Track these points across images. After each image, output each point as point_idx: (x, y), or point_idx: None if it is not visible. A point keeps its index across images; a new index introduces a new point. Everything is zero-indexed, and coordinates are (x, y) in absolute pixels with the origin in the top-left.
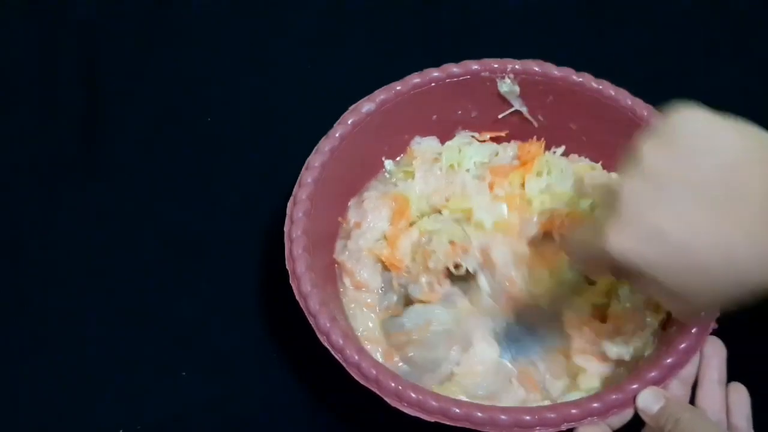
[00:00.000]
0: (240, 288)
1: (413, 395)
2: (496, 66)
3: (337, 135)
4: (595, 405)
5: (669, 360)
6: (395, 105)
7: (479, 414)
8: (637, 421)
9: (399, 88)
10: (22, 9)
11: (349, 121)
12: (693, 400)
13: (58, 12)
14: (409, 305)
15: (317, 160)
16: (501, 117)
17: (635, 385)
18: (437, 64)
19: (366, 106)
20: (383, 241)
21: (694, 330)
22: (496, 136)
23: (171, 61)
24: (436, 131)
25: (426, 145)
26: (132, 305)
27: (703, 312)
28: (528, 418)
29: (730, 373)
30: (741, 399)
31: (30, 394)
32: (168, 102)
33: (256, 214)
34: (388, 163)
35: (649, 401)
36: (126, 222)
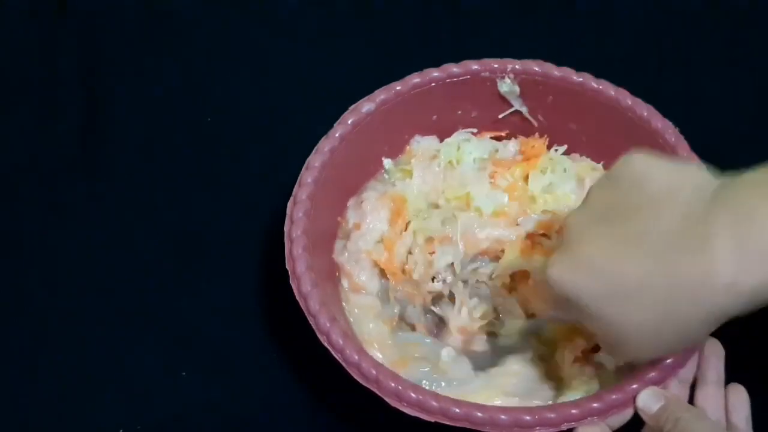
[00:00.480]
0: (240, 288)
1: (413, 395)
2: (496, 66)
3: (337, 135)
4: (595, 405)
5: (669, 360)
6: (395, 105)
7: (479, 414)
8: (637, 421)
9: (399, 88)
10: (22, 9)
11: (349, 121)
12: (692, 399)
13: (58, 12)
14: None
15: (317, 160)
16: (501, 117)
17: (635, 385)
18: (437, 64)
19: (366, 106)
20: (381, 244)
21: None
22: (496, 135)
23: (171, 61)
24: (436, 131)
25: (425, 144)
26: (132, 305)
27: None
28: (528, 418)
29: (729, 374)
30: (740, 399)
31: (30, 394)
32: (168, 102)
33: (256, 214)
34: (386, 162)
35: (649, 401)
36: (126, 222)
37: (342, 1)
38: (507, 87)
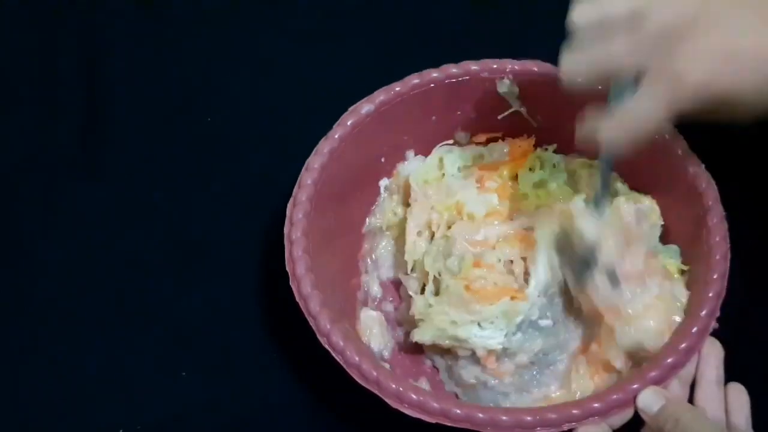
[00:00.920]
0: (240, 289)
1: (414, 396)
2: (495, 66)
3: (337, 136)
4: (596, 405)
5: (669, 360)
6: (394, 106)
7: (480, 415)
8: (637, 421)
9: (398, 88)
10: (22, 9)
11: (349, 123)
12: (691, 399)
13: (58, 12)
14: None
15: (317, 161)
16: (500, 117)
17: (635, 385)
18: (436, 64)
19: (365, 107)
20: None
21: (694, 330)
22: (492, 137)
23: (171, 61)
24: (435, 132)
25: (411, 167)
26: (132, 305)
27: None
28: (529, 418)
29: (729, 374)
30: (740, 399)
31: (30, 394)
32: (168, 102)
33: (255, 215)
34: (383, 182)
35: (650, 401)
36: (126, 222)
37: (342, 1)
38: (506, 87)
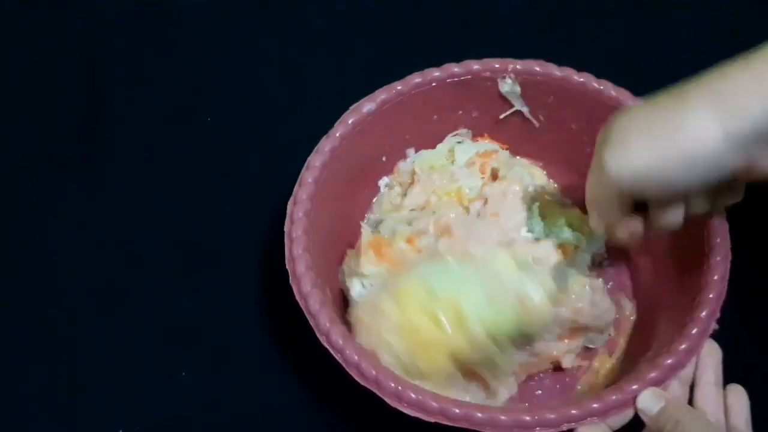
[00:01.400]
0: (240, 288)
1: (413, 395)
2: (497, 66)
3: (338, 135)
4: (595, 405)
5: (669, 361)
6: (396, 105)
7: (479, 414)
8: (637, 422)
9: (400, 87)
10: (22, 9)
11: (350, 121)
12: (690, 401)
13: (58, 13)
14: None
15: (318, 159)
16: (502, 117)
17: (635, 386)
18: (438, 63)
19: (367, 105)
20: None
21: (694, 331)
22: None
23: (171, 61)
24: (436, 131)
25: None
26: (132, 305)
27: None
28: (528, 418)
29: (729, 375)
30: (740, 401)
31: (30, 394)
32: (168, 102)
33: (256, 214)
34: (382, 181)
35: (649, 402)
36: (126, 222)
37: (342, 1)
38: (508, 87)
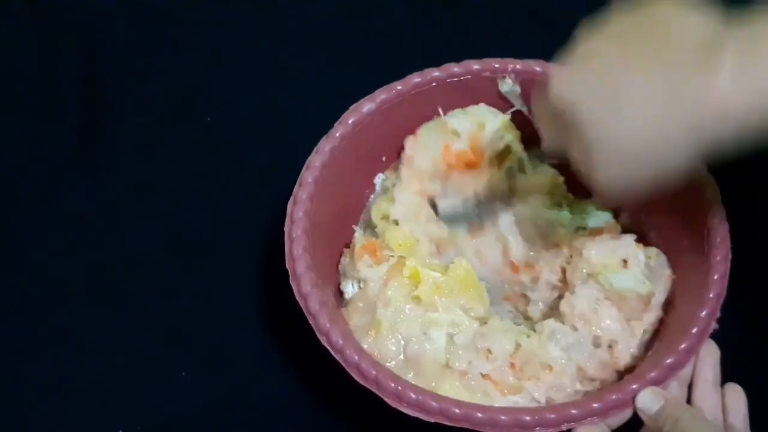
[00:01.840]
0: (240, 288)
1: (413, 395)
2: (497, 66)
3: (338, 135)
4: (595, 405)
5: (669, 360)
6: (396, 105)
7: (479, 414)
8: (637, 421)
9: (400, 87)
10: (22, 9)
11: (350, 121)
12: (689, 399)
13: (58, 12)
14: None
15: (318, 159)
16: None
17: (635, 385)
18: (438, 63)
19: (367, 105)
20: None
21: (694, 330)
22: None
23: (171, 61)
24: None
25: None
26: (132, 305)
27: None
28: (528, 418)
29: (728, 375)
30: (738, 400)
31: (30, 394)
32: (168, 102)
33: (256, 213)
34: (378, 178)
35: (649, 401)
36: (126, 222)
37: (342, 1)
38: (508, 87)
